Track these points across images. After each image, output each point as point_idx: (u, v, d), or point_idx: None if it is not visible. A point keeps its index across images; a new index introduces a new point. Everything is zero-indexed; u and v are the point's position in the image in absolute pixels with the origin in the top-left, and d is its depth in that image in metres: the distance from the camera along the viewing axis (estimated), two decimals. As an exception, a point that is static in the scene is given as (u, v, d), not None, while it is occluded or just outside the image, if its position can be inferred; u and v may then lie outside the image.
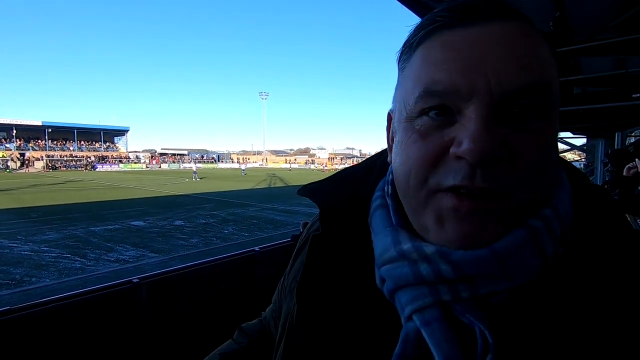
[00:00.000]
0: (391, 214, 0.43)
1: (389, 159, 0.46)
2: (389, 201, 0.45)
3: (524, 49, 0.34)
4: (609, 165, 4.31)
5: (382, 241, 0.41)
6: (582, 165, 12.83)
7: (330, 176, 0.54)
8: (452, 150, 0.34)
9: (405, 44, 0.41)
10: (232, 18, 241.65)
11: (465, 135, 0.33)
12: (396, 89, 0.43)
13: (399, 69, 0.42)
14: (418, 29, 0.39)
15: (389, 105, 0.46)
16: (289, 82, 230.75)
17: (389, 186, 0.46)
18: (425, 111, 0.36)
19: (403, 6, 5.71)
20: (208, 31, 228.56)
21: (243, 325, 0.74)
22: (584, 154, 12.01)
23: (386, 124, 0.47)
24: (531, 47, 0.34)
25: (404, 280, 0.37)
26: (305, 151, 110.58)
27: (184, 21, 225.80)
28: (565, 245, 0.37)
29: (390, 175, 0.46)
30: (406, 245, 0.38)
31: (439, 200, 0.35)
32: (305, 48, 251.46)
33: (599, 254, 0.37)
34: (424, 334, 0.35)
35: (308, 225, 0.63)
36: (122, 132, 72.61)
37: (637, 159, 2.52)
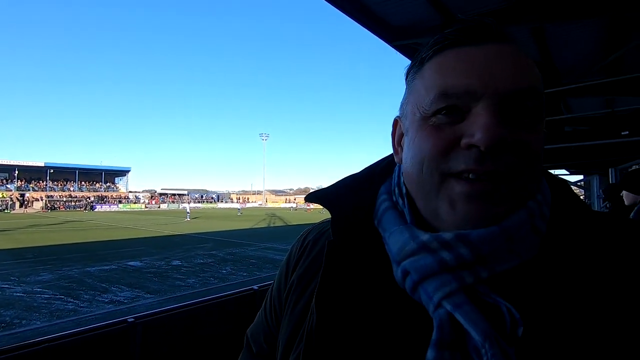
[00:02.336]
0: (406, 213, 0.47)
1: (396, 159, 0.52)
2: (401, 201, 0.48)
3: (520, 63, 0.42)
4: (606, 201, 4.36)
5: (399, 238, 0.44)
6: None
7: (334, 183, 0.58)
8: (464, 140, 0.40)
9: (415, 59, 0.48)
10: (233, 61, 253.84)
11: (477, 127, 0.39)
12: (405, 97, 0.49)
13: (408, 82, 0.49)
14: (429, 47, 0.46)
15: (388, 146, 0.53)
16: (289, 122, 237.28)
17: (399, 188, 0.50)
18: (440, 111, 0.42)
19: (398, 53, 6.07)
20: (210, 75, 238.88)
21: None
22: (582, 191, 12.16)
23: (392, 129, 0.53)
24: (525, 63, 0.42)
25: (430, 269, 0.40)
26: (305, 191, 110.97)
27: (187, 65, 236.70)
28: (547, 224, 0.44)
29: (401, 178, 0.50)
30: (425, 237, 0.42)
31: (451, 185, 0.41)
32: (306, 91, 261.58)
33: (576, 230, 0.44)
34: (458, 316, 0.38)
35: (302, 236, 0.63)
36: (123, 172, 73.17)
37: (624, 191, 2.57)
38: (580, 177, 12.02)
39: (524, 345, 0.37)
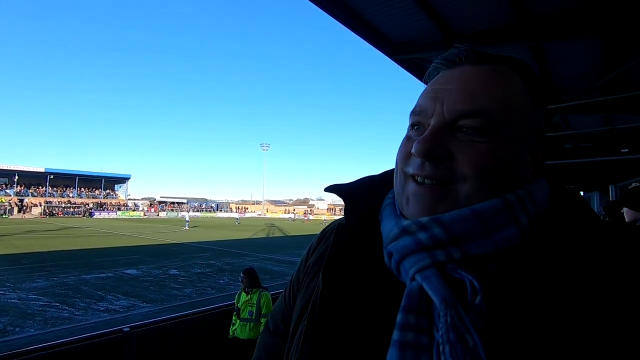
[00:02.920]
0: (395, 206, 0.54)
1: None
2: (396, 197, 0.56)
3: (476, 86, 0.48)
4: (607, 217, 4.36)
5: (387, 225, 0.52)
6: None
7: (354, 180, 0.66)
8: (412, 150, 0.49)
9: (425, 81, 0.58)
10: (237, 71, 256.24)
11: (417, 140, 0.48)
12: None
13: None
14: (427, 75, 0.55)
15: (388, 160, 0.59)
16: (290, 133, 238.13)
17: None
18: (412, 125, 0.52)
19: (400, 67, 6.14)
20: (213, 84, 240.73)
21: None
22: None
23: None
24: (484, 84, 0.48)
25: (408, 249, 0.46)
26: (304, 202, 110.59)
27: (189, 74, 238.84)
28: (540, 224, 0.47)
29: None
30: (406, 222, 0.49)
31: (408, 184, 0.50)
32: (309, 103, 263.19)
33: (568, 231, 0.46)
34: (424, 286, 0.43)
35: (324, 228, 0.70)
36: (123, 179, 73.08)
37: (625, 208, 2.57)
38: (580, 193, 12.04)
39: (492, 322, 0.41)
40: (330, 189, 0.65)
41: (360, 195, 0.61)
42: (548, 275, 0.43)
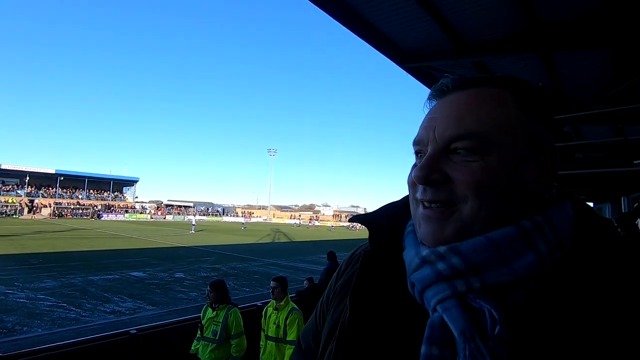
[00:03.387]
0: (417, 233, 0.55)
1: None
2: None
3: (462, 110, 0.50)
4: (619, 229, 4.27)
5: (409, 254, 0.53)
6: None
7: (377, 209, 0.69)
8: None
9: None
10: (247, 77, 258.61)
11: (416, 168, 0.51)
12: None
13: None
14: (425, 103, 0.58)
15: (394, 167, 0.61)
16: (298, 139, 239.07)
17: None
18: (416, 153, 0.56)
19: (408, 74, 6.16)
20: (221, 89, 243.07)
21: None
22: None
23: None
24: (470, 107, 0.50)
25: (428, 280, 0.47)
26: (310, 207, 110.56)
27: (198, 80, 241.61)
28: (563, 252, 0.47)
29: None
30: (425, 252, 0.50)
31: (418, 210, 0.52)
32: (316, 107, 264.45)
33: (595, 260, 0.46)
34: (445, 317, 0.44)
35: (353, 251, 0.73)
36: (131, 182, 73.86)
37: (639, 219, 2.53)
38: (591, 204, 11.88)
39: (516, 352, 0.41)
40: (354, 219, 0.69)
41: (383, 223, 0.63)
42: (572, 306, 0.42)
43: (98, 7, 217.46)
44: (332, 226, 64.81)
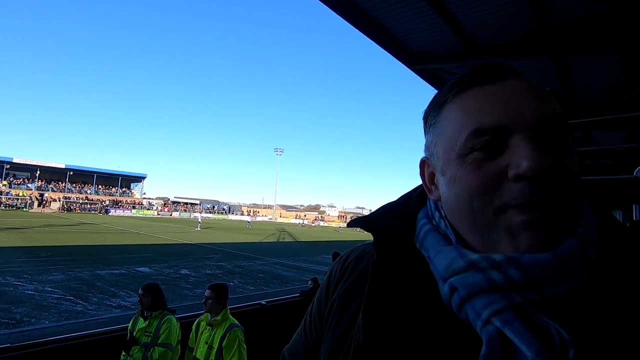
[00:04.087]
0: (447, 234, 0.49)
1: (431, 196, 0.53)
2: (442, 223, 0.50)
3: (540, 93, 0.45)
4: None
5: (447, 256, 0.46)
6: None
7: (375, 210, 0.62)
8: (511, 172, 0.41)
9: (433, 104, 0.51)
10: (256, 76, 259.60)
11: (522, 158, 0.40)
12: (432, 139, 0.51)
13: (430, 124, 0.51)
14: (449, 90, 0.49)
15: (399, 169, 0.55)
16: (305, 139, 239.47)
17: (438, 212, 0.52)
18: (476, 147, 0.44)
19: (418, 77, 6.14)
20: (230, 88, 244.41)
21: None
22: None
23: (419, 170, 0.55)
24: (541, 92, 0.45)
25: (477, 287, 0.41)
26: (315, 208, 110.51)
27: (207, 78, 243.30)
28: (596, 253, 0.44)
29: (433, 206, 0.53)
30: (474, 256, 0.43)
31: (510, 217, 0.41)
32: (324, 108, 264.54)
33: (625, 256, 0.44)
34: (508, 333, 0.38)
35: (343, 257, 0.65)
36: (139, 178, 74.68)
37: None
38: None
39: None
40: (354, 223, 0.62)
41: (387, 226, 0.56)
42: (613, 309, 0.41)
43: (107, 4, 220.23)
44: (340, 227, 65.10)
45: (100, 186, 67.77)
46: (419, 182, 0.58)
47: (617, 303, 0.41)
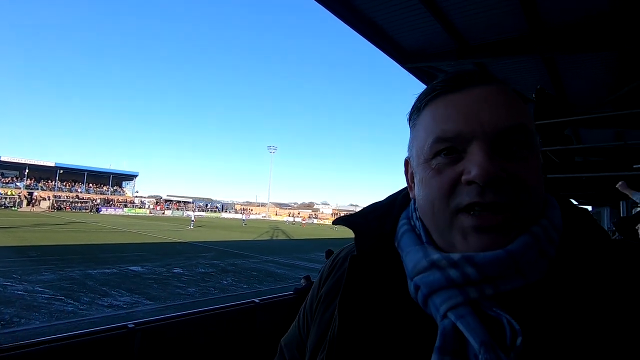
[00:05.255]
0: (421, 234, 0.52)
1: (411, 195, 0.57)
2: (417, 224, 0.53)
3: (504, 102, 0.47)
4: (617, 233, 4.30)
5: (414, 256, 0.49)
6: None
7: (360, 210, 0.64)
8: (464, 177, 0.44)
9: (413, 108, 0.54)
10: (246, 73, 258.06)
11: (472, 165, 0.44)
12: (410, 141, 0.55)
13: (411, 127, 0.55)
14: (422, 96, 0.52)
15: (390, 166, 0.58)
16: (298, 136, 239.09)
17: (415, 213, 0.55)
18: (438, 153, 0.47)
19: (410, 74, 6.17)
20: (221, 85, 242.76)
21: None
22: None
23: (404, 168, 0.59)
24: (508, 100, 0.47)
25: (437, 284, 0.45)
26: (309, 205, 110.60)
27: (198, 75, 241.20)
28: (556, 249, 0.46)
29: (414, 206, 0.55)
30: (435, 256, 0.46)
31: (462, 220, 0.45)
32: (317, 105, 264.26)
33: (586, 254, 0.46)
34: (459, 325, 0.42)
35: (334, 255, 0.69)
36: (131, 177, 73.81)
37: (640, 224, 2.55)
38: (589, 208, 11.90)
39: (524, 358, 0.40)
40: (338, 221, 0.64)
41: (369, 225, 0.59)
42: (575, 304, 0.43)
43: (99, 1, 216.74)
44: (303, 220, 65.84)
45: (91, 185, 66.88)
46: None
47: (573, 298, 0.43)
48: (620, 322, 0.41)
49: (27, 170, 58.03)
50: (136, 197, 72.44)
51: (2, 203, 50.79)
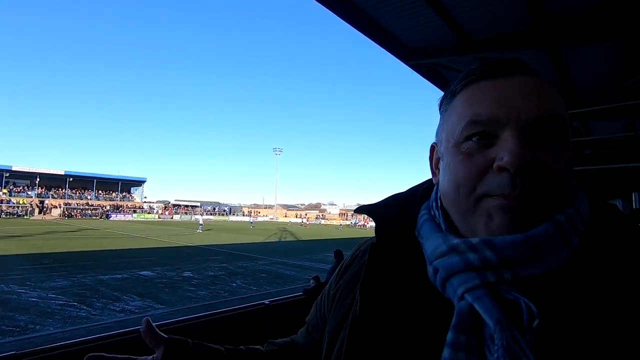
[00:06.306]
0: (440, 222, 0.53)
1: (434, 180, 0.58)
2: (437, 213, 0.54)
3: (540, 92, 0.47)
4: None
5: (434, 242, 0.50)
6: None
7: (382, 200, 0.66)
8: (496, 163, 0.44)
9: (447, 92, 0.55)
10: (252, 76, 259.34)
11: (506, 152, 0.44)
12: (440, 125, 0.55)
13: (441, 111, 0.55)
14: (459, 80, 0.52)
15: (400, 166, 0.57)
16: (303, 138, 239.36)
17: (436, 202, 0.56)
18: (470, 137, 0.47)
19: (414, 72, 6.13)
20: (227, 89, 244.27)
21: (270, 340, 0.82)
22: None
23: (429, 154, 0.59)
24: (544, 91, 0.47)
25: (456, 268, 0.46)
26: (316, 206, 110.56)
27: (204, 80, 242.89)
28: (581, 240, 0.46)
29: (437, 194, 0.56)
30: (455, 241, 0.47)
31: (488, 202, 0.45)
32: (322, 106, 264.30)
33: (613, 246, 0.46)
34: (476, 306, 0.43)
35: (357, 246, 0.71)
36: (139, 182, 74.61)
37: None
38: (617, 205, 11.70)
39: (544, 342, 0.40)
40: (360, 210, 0.66)
41: (391, 214, 0.61)
42: (596, 293, 0.43)
43: (102, 4, 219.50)
44: (341, 225, 65.24)
45: (100, 191, 67.72)
46: (421, 178, 0.64)
47: (596, 288, 0.43)
48: None
49: (38, 179, 59.00)
50: (145, 202, 73.15)
51: (15, 212, 51.68)
